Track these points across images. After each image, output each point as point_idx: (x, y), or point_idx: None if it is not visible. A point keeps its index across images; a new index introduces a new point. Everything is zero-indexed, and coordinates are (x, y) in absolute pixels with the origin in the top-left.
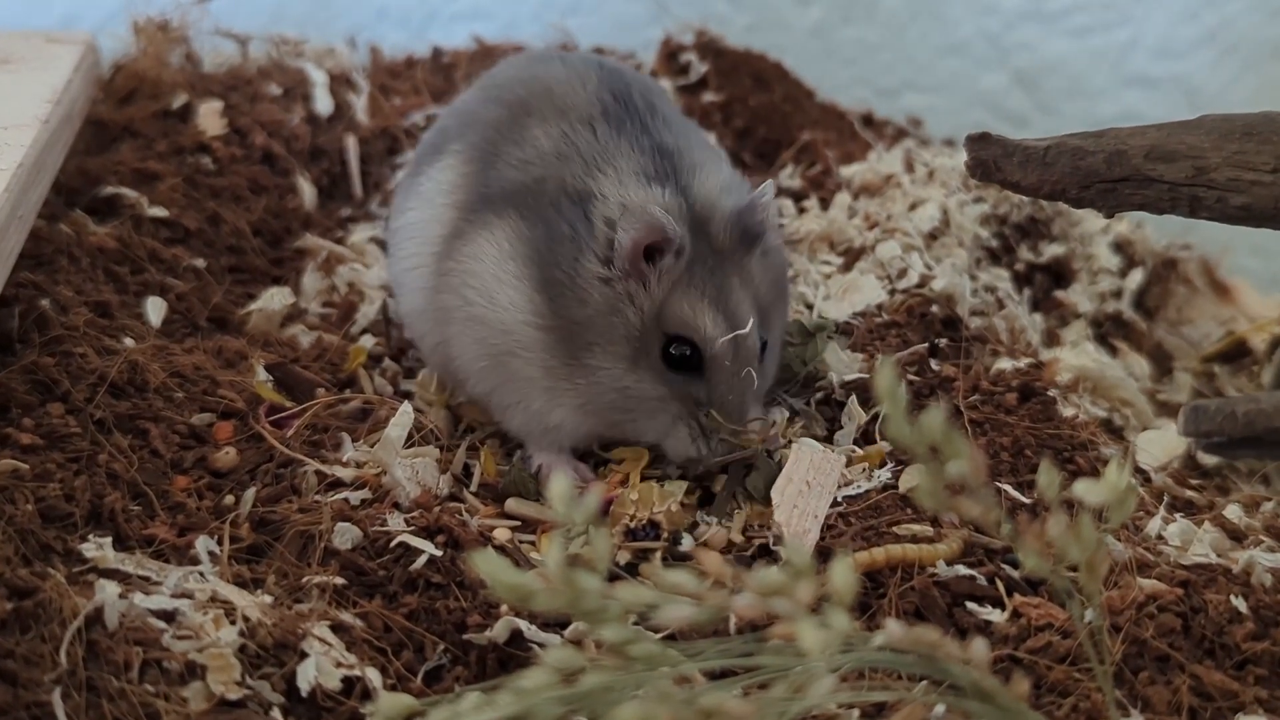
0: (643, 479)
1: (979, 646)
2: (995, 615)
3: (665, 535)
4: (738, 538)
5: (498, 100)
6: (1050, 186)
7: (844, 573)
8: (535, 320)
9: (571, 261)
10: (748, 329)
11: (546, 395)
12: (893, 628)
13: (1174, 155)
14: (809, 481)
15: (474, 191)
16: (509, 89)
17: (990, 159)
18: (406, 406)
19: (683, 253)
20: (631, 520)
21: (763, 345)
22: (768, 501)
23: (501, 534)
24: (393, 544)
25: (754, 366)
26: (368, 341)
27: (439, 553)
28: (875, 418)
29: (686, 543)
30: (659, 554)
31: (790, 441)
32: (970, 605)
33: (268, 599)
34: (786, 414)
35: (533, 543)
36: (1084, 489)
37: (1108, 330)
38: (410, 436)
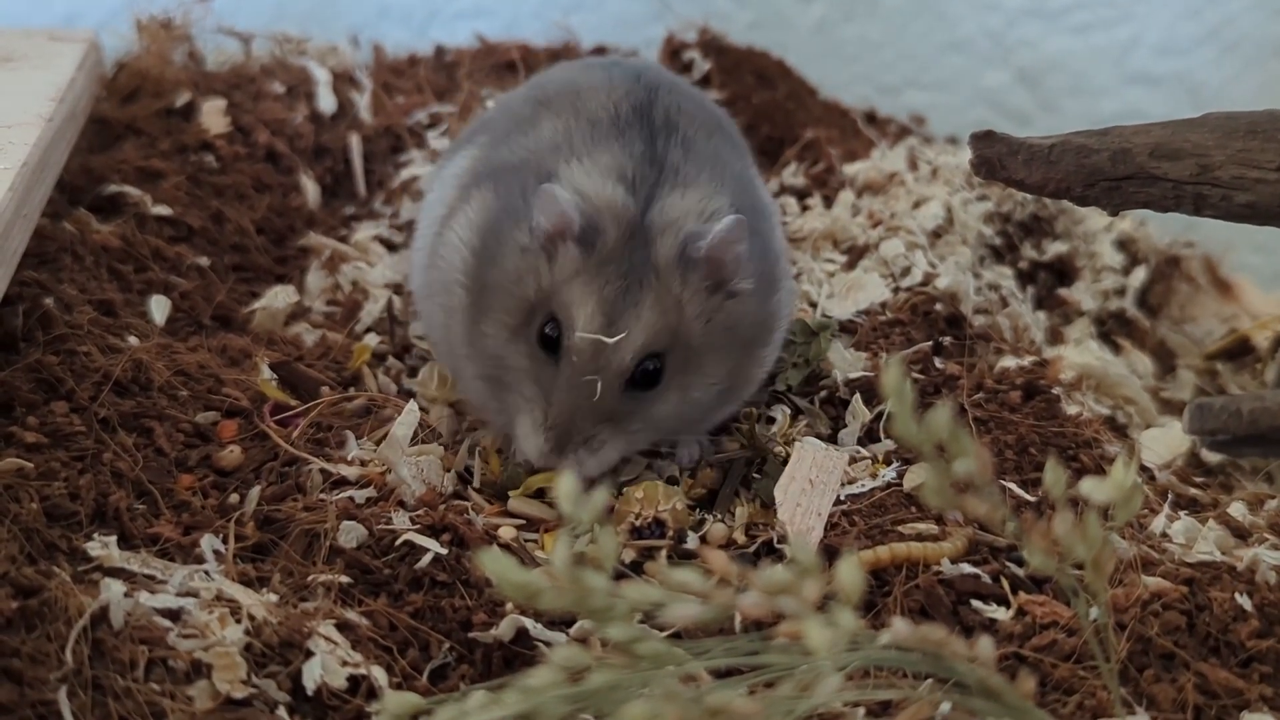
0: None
1: (985, 644)
2: (1000, 613)
3: (670, 534)
4: (740, 536)
5: (529, 100)
6: (1055, 184)
7: (850, 571)
8: (464, 280)
9: (506, 229)
10: (611, 340)
11: (465, 362)
12: (899, 626)
13: (1179, 153)
14: (812, 480)
15: (474, 173)
16: (543, 89)
17: (995, 157)
18: (412, 405)
19: (590, 245)
20: (637, 519)
21: (654, 373)
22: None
23: (507, 532)
24: (398, 542)
25: (610, 383)
26: (372, 340)
27: (444, 551)
28: (879, 416)
29: (691, 541)
30: (664, 552)
31: (791, 442)
32: (975, 603)
33: (273, 597)
34: (789, 411)
35: (535, 540)
36: (1091, 487)
37: (1111, 328)
38: (414, 435)
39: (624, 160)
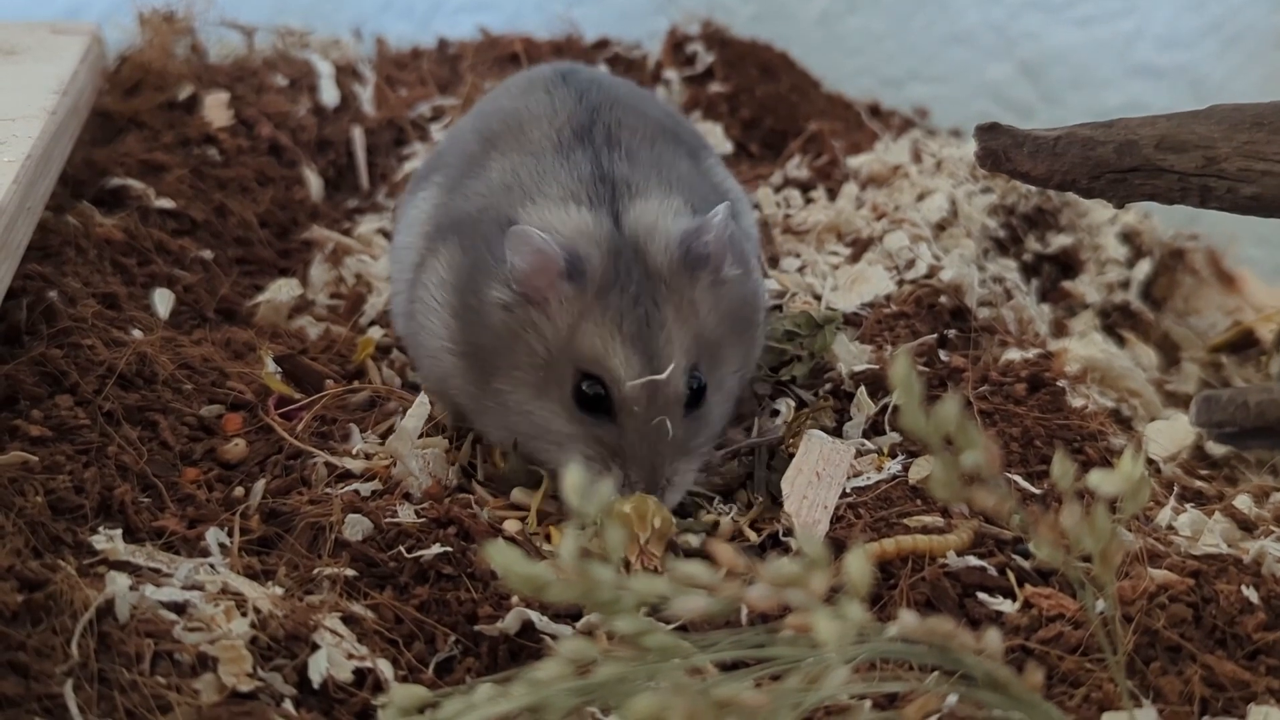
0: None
1: (993, 637)
2: (1006, 606)
3: None
4: (749, 532)
5: (477, 133)
6: (1060, 177)
7: (859, 563)
8: (451, 345)
9: (482, 287)
10: (665, 374)
11: (477, 416)
12: (906, 618)
13: (1184, 145)
14: (819, 472)
15: (435, 222)
16: (489, 121)
17: (1000, 149)
18: (422, 398)
19: (580, 276)
20: None
21: (701, 388)
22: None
23: (512, 525)
24: (403, 535)
25: (674, 415)
26: (376, 333)
27: (448, 549)
28: (884, 409)
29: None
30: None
31: (799, 433)
32: (981, 596)
33: (279, 590)
34: (793, 404)
35: (538, 533)
36: (1099, 479)
37: (1115, 320)
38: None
39: (575, 185)
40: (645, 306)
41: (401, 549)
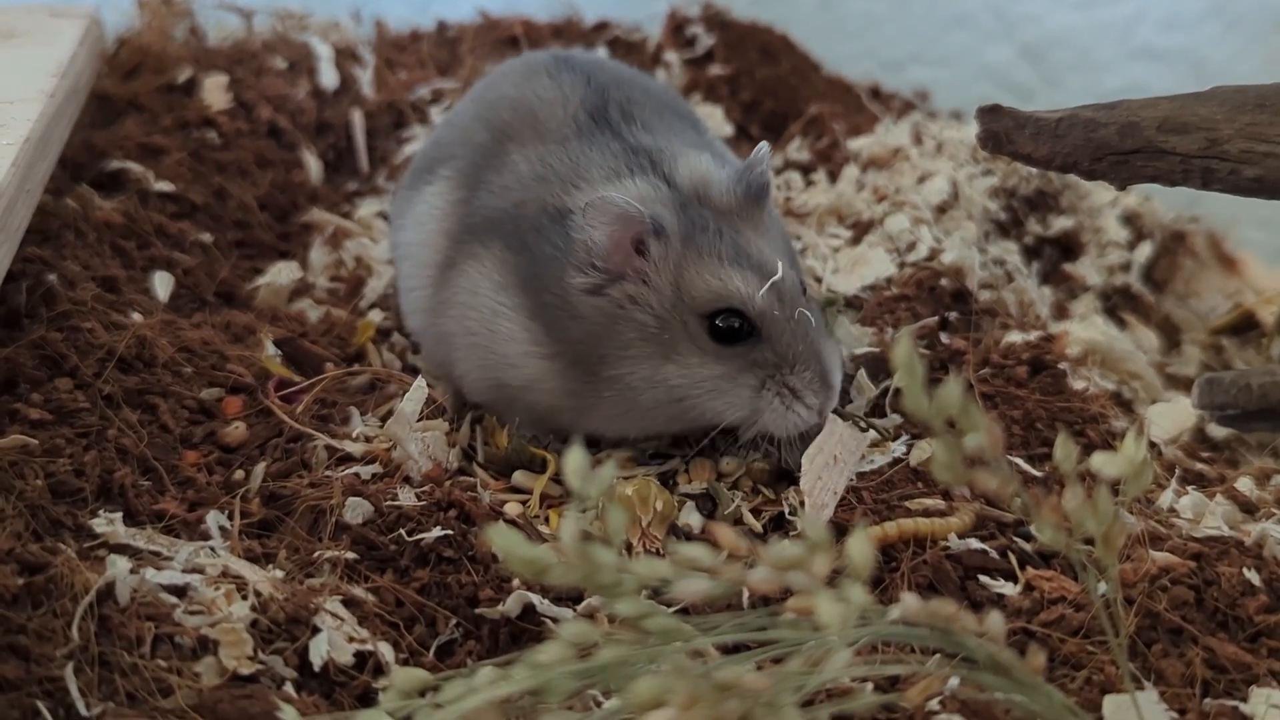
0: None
1: (995, 620)
2: (1008, 588)
3: None
4: (753, 522)
5: (485, 123)
6: (1062, 159)
7: (861, 546)
8: (536, 350)
9: (558, 281)
10: (779, 273)
11: (573, 415)
12: (909, 601)
13: (1187, 127)
14: (836, 455)
15: (460, 220)
16: (496, 110)
17: (1002, 131)
18: (420, 381)
19: (665, 234)
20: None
21: (801, 282)
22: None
23: (513, 508)
24: (404, 518)
25: (805, 306)
26: (376, 316)
27: (449, 531)
28: (885, 392)
29: (695, 519)
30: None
31: None
32: (983, 579)
33: (279, 574)
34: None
35: (539, 515)
36: (1102, 462)
37: (1116, 303)
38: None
39: (614, 162)
40: (730, 236)
41: (402, 532)
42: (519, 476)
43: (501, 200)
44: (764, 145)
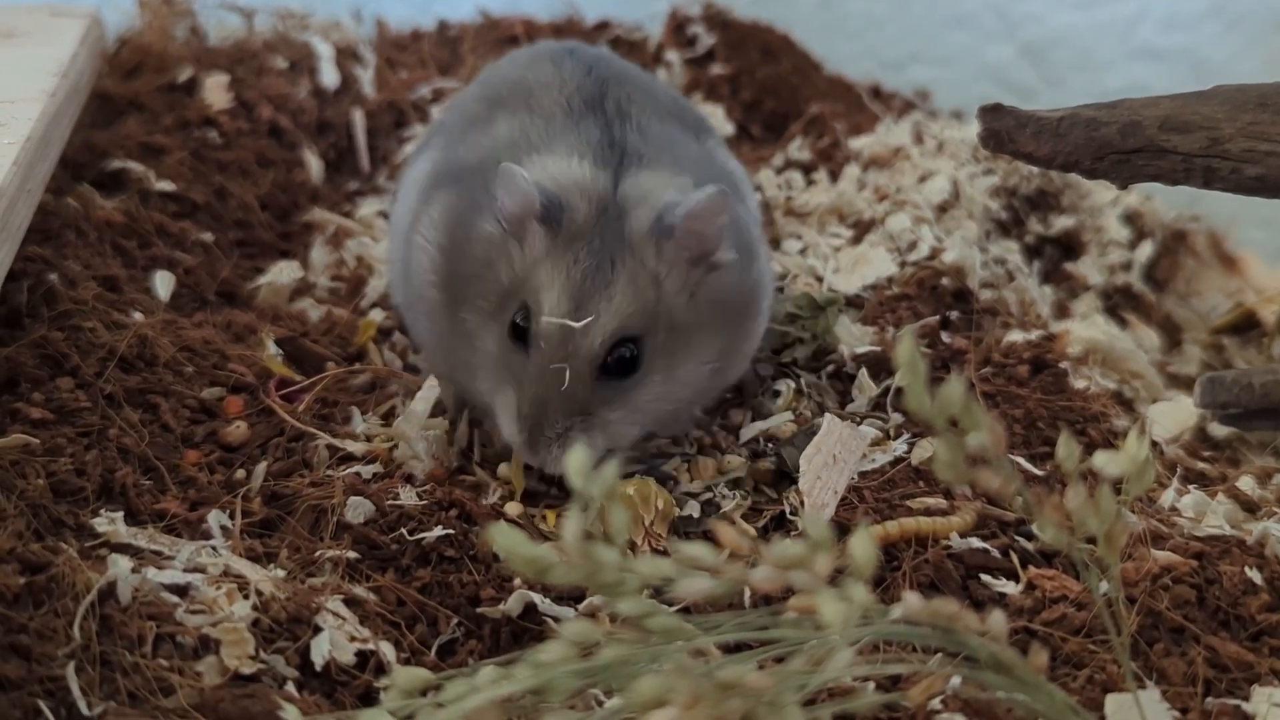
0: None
1: (997, 619)
2: (1009, 588)
3: None
4: (745, 527)
5: (481, 99)
6: (1064, 158)
7: (863, 545)
8: (434, 278)
9: (474, 222)
10: (578, 325)
11: (444, 356)
12: (911, 600)
13: (1188, 126)
14: (835, 455)
15: (433, 176)
16: (495, 87)
17: (1004, 130)
18: (433, 380)
19: (556, 224)
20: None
21: (632, 359)
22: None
23: (514, 508)
24: (405, 518)
25: (579, 369)
26: (377, 315)
27: (450, 531)
28: (886, 391)
29: (694, 507)
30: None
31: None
32: (984, 578)
33: (280, 573)
34: (793, 385)
35: (535, 514)
36: (1104, 460)
37: (1117, 302)
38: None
39: (583, 146)
40: (602, 262)
41: (403, 531)
42: (503, 469)
43: (471, 154)
44: (708, 190)
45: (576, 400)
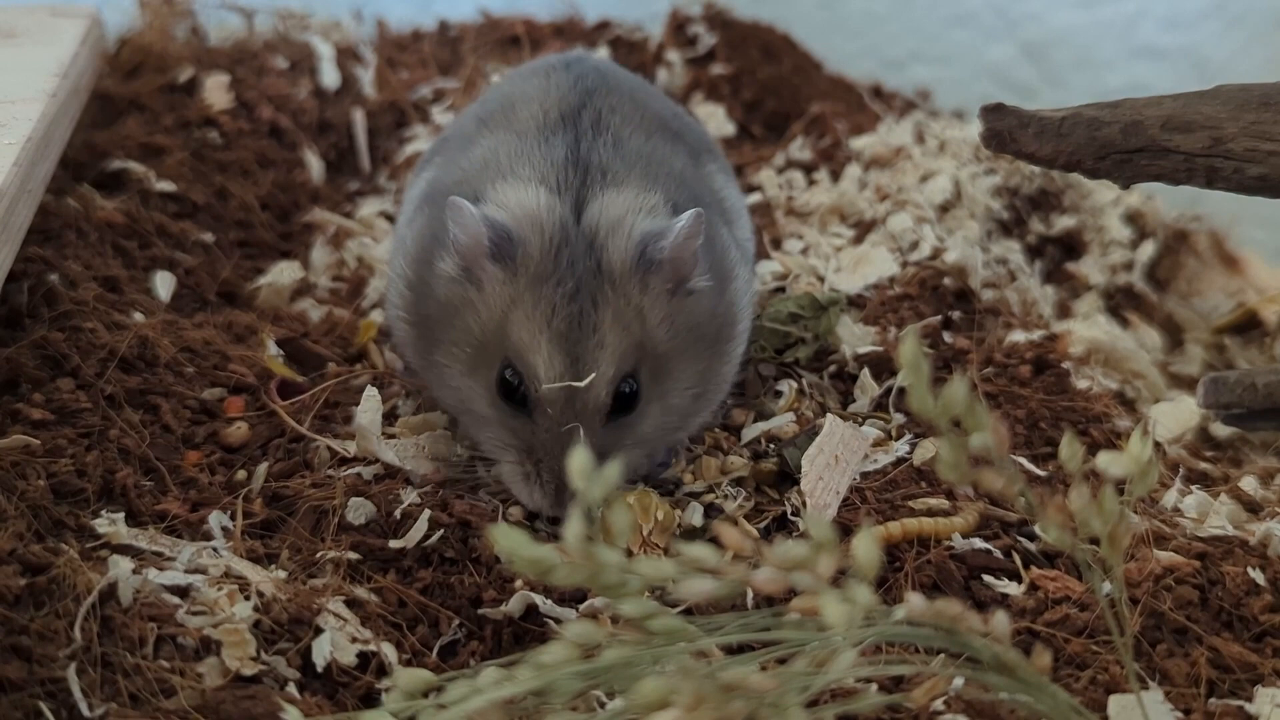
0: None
1: (1000, 619)
2: (1012, 588)
3: None
4: (748, 528)
5: (475, 115)
6: (1066, 157)
7: (867, 546)
8: (404, 315)
9: (435, 259)
10: (585, 383)
11: (429, 382)
12: (914, 601)
13: (1191, 126)
14: (837, 456)
15: (426, 196)
16: (489, 102)
17: (1006, 130)
18: (371, 391)
19: (511, 263)
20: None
21: (633, 394)
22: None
23: (516, 509)
24: (406, 519)
25: (591, 423)
26: (378, 316)
27: (450, 529)
28: (888, 391)
29: (696, 515)
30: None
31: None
32: (987, 578)
33: (282, 574)
34: (795, 385)
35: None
36: (1107, 461)
37: (1119, 302)
38: (418, 410)
39: (545, 168)
40: (583, 304)
41: (403, 531)
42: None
43: (451, 177)
44: (688, 215)
45: (590, 450)
